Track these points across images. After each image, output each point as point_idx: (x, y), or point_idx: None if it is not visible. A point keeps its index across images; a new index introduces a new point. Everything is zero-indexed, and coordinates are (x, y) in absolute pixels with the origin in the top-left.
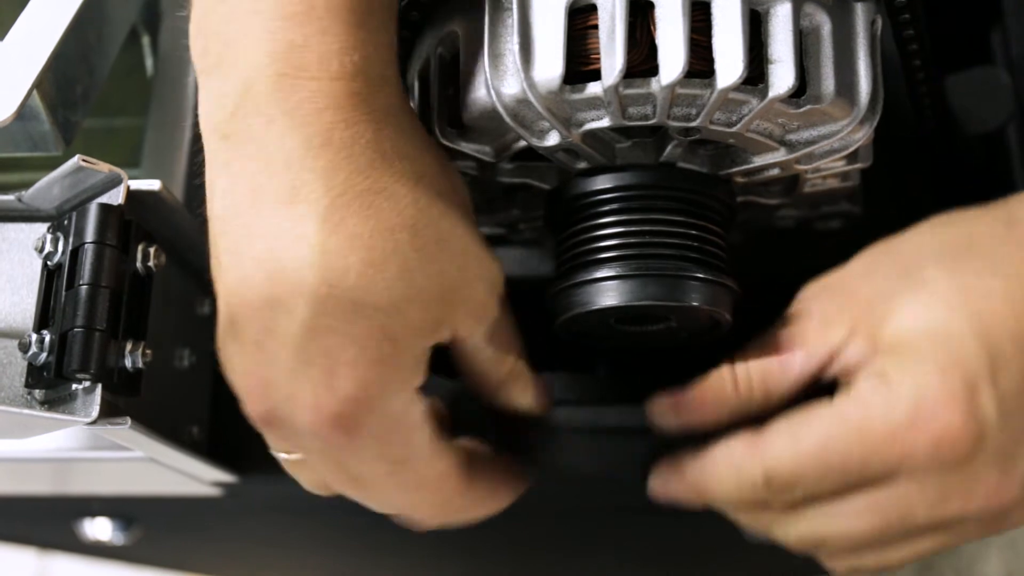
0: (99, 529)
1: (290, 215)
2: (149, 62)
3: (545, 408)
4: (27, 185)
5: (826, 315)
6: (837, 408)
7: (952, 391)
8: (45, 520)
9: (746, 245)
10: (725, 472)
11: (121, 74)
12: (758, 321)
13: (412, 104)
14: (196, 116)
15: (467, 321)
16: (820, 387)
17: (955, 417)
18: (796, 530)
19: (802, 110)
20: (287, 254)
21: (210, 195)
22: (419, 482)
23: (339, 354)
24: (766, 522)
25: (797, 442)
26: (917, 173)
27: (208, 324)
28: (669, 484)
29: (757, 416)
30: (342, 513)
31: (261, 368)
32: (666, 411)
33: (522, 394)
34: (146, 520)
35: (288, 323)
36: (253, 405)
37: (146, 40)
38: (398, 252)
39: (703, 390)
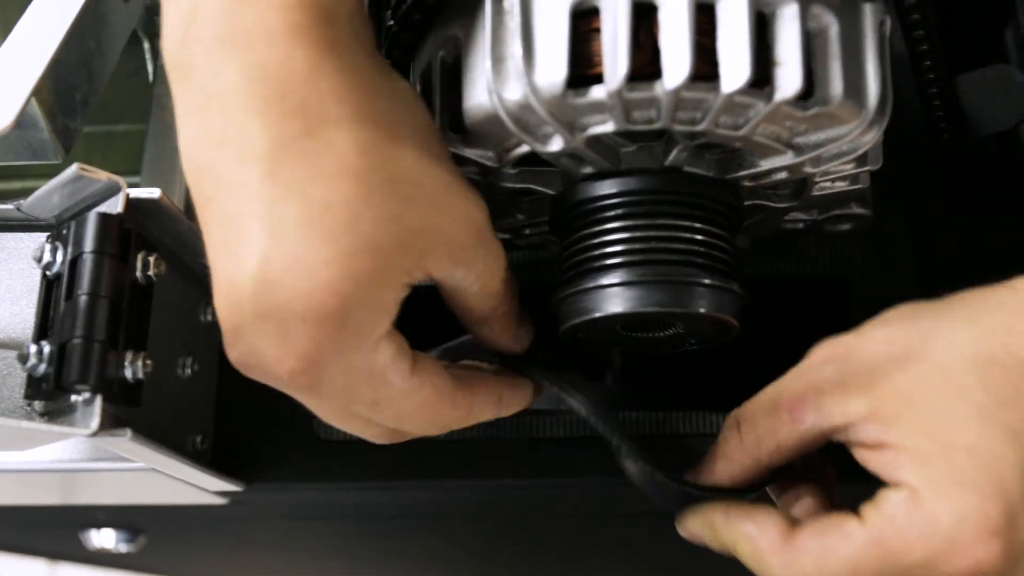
0: (105, 539)
1: (229, 158)
2: (150, 67)
3: (523, 347)
4: (26, 194)
5: (846, 381)
6: (868, 530)
7: (994, 523)
8: (52, 531)
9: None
10: (749, 556)
11: (122, 79)
12: (765, 326)
13: None
14: None
15: (439, 265)
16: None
17: (994, 549)
18: None
19: (810, 113)
20: (231, 200)
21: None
22: (398, 415)
23: (289, 309)
24: None
25: (824, 563)
26: (929, 174)
27: (210, 332)
28: (696, 534)
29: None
30: (346, 521)
31: (232, 314)
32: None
33: (502, 334)
34: (151, 530)
35: (243, 274)
36: (227, 349)
37: (147, 45)
38: (339, 201)
39: (712, 454)
